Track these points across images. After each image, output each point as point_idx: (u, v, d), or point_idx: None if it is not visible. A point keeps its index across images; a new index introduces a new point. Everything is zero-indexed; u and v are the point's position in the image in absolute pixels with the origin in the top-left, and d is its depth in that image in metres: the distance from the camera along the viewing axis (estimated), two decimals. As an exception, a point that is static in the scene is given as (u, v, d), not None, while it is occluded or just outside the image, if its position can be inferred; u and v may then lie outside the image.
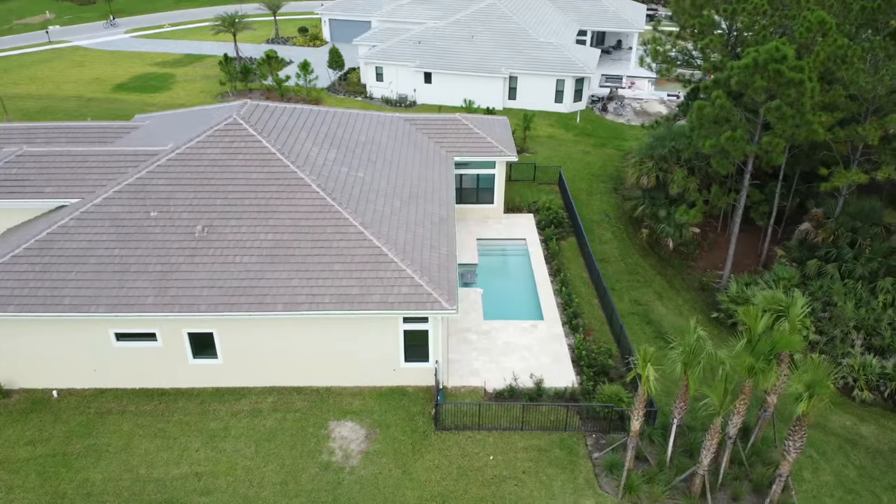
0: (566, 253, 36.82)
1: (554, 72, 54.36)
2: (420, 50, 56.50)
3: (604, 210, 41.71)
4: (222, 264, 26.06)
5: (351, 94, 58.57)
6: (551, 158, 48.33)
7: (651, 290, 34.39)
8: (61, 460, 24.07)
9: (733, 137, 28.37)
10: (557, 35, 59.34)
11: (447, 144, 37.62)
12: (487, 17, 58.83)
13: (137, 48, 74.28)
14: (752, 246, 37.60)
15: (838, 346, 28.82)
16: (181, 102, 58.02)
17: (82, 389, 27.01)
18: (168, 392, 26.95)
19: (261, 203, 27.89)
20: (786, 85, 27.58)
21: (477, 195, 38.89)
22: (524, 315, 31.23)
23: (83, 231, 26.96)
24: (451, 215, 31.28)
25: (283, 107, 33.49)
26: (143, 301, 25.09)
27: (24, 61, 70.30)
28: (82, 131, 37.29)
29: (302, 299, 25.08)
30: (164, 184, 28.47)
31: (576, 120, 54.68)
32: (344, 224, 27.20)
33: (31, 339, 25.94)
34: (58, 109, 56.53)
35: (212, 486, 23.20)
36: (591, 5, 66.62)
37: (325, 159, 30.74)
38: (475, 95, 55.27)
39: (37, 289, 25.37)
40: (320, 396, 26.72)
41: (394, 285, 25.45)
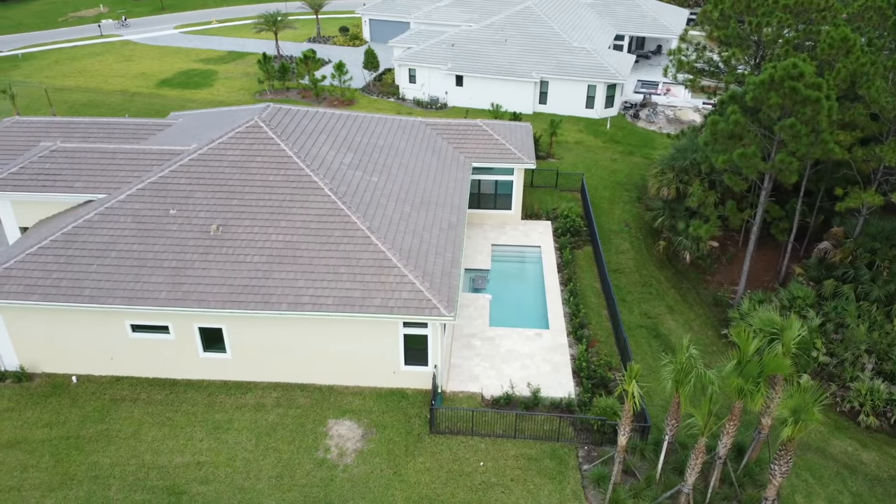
0: (580, 262, 36.89)
1: (585, 77, 54.17)
2: (452, 53, 56.96)
3: (624, 220, 41.57)
4: (233, 263, 27.08)
5: (384, 95, 59.42)
6: (577, 165, 48.29)
7: (663, 304, 34.23)
8: (74, 443, 25.45)
9: (745, 154, 28.07)
10: (591, 40, 59.05)
11: (466, 150, 38.05)
12: (522, 20, 58.92)
13: (184, 44, 76.63)
14: (773, 262, 37.04)
15: (848, 370, 28.30)
16: (220, 99, 59.81)
17: (99, 376, 28.41)
18: (179, 383, 28.15)
19: (274, 205, 28.82)
20: (801, 103, 27.17)
21: (495, 201, 39.23)
22: (530, 323, 31.50)
23: (106, 226, 28.32)
24: (462, 221, 31.73)
25: (304, 110, 34.40)
26: (157, 295, 26.27)
27: (76, 54, 73.27)
28: (119, 127, 38.97)
29: (306, 300, 25.91)
30: (184, 183, 29.65)
31: (606, 126, 54.42)
32: (352, 228, 27.93)
33: (54, 327, 27.40)
34: (103, 103, 58.86)
35: (211, 476, 24.22)
36: (629, 10, 66.02)
37: (340, 163, 31.53)
38: (506, 99, 55.54)
39: (60, 279, 26.80)
40: (322, 394, 27.54)
41: (395, 290, 26.06)
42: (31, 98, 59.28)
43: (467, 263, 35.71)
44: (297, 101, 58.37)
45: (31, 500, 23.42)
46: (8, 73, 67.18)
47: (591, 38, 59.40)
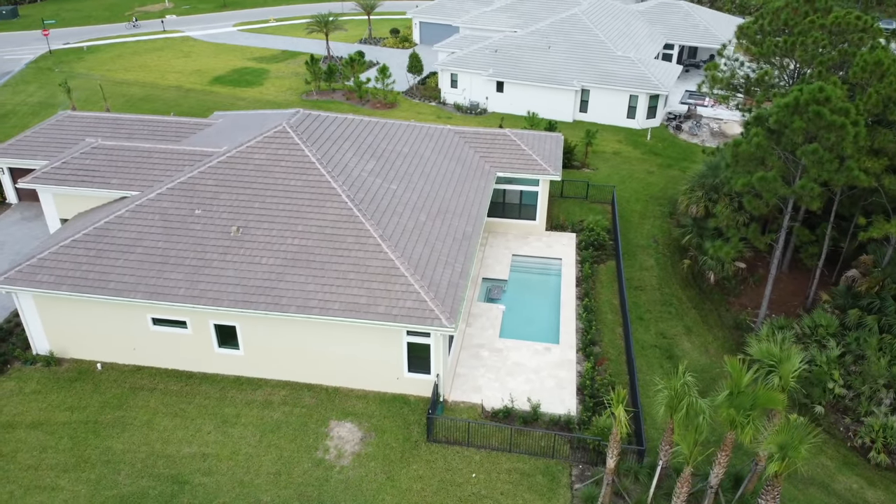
0: (602, 277, 36.67)
1: (627, 87, 53.55)
2: (494, 58, 57.12)
3: (653, 235, 41.04)
4: (249, 264, 28.10)
5: (426, 99, 60.05)
6: (611, 176, 47.87)
7: (681, 324, 33.74)
8: (92, 428, 26.93)
9: (765, 178, 27.47)
10: (638, 49, 58.25)
11: (492, 159, 38.27)
12: (567, 27, 58.62)
13: (241, 42, 79.06)
14: (803, 286, 36.02)
15: (864, 404, 27.42)
16: (269, 99, 61.57)
17: (122, 365, 29.92)
18: (195, 375, 29.39)
19: (293, 209, 29.74)
20: (826, 128, 26.43)
21: (519, 211, 39.33)
22: (541, 337, 31.56)
23: (135, 223, 29.76)
24: (477, 232, 32.01)
25: (332, 116, 35.26)
26: (176, 292, 27.51)
27: (138, 49, 76.51)
28: (162, 125, 40.79)
29: (314, 303, 26.70)
30: (211, 184, 30.88)
31: (646, 137, 53.68)
32: (364, 235, 28.59)
33: (82, 316, 29.00)
34: (158, 98, 61.38)
35: (214, 468, 25.28)
36: (682, 19, 64.81)
37: (361, 170, 32.24)
38: (546, 106, 55.42)
39: (88, 272, 28.35)
40: (328, 395, 28.33)
41: (400, 298, 26.59)
42: (91, 91, 62.30)
43: (486, 273, 35.98)
44: (340, 103, 59.65)
45: (46, 479, 24.94)
46: (72, 65, 70.74)
47: (638, 47, 58.60)
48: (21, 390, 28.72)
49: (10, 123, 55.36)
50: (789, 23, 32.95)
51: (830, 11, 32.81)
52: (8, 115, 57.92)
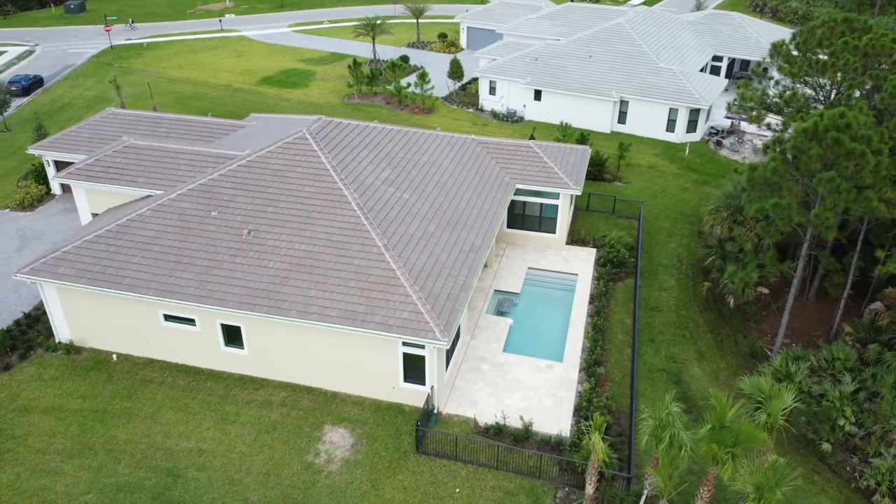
0: (617, 295, 36.06)
1: (667, 100, 52.41)
2: (534, 67, 56.77)
3: (678, 254, 40.09)
4: (256, 267, 28.83)
5: (464, 106, 60.15)
6: (643, 191, 46.99)
7: (694, 349, 32.90)
8: (100, 417, 28.14)
9: (779, 205, 26.54)
10: (682, 61, 56.93)
11: (513, 171, 38.12)
12: (610, 37, 57.76)
13: (293, 43, 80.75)
14: (828, 316, 34.62)
15: (873, 444, 26.20)
16: (312, 101, 62.77)
17: (137, 357, 31.14)
18: (202, 371, 30.35)
19: (303, 215, 30.34)
20: (844, 156, 25.37)
21: (539, 223, 39.04)
22: (545, 353, 31.30)
23: (154, 222, 30.91)
24: (486, 245, 31.96)
25: (354, 124, 35.75)
26: (185, 290, 28.47)
27: (195, 47, 79.07)
28: (198, 126, 42.19)
29: (313, 309, 27.21)
30: (229, 187, 31.79)
31: (684, 152, 52.43)
32: (368, 243, 28.94)
33: (100, 309, 30.30)
34: (206, 97, 63.36)
35: (208, 464, 26.07)
36: (733, 30, 62.96)
37: (375, 178, 32.62)
38: (583, 116, 54.78)
39: (106, 267, 29.62)
40: (326, 399, 28.81)
41: (396, 309, 26.82)
42: (144, 87, 64.78)
43: (499, 285, 35.88)
44: (380, 107, 60.35)
45: (52, 463, 26.21)
46: (131, 60, 73.71)
47: (682, 59, 57.26)
48: (41, 376, 30.23)
49: (65, 116, 58.14)
50: (823, 42, 31.69)
51: (869, 31, 31.43)
52: (64, 108, 60.86)
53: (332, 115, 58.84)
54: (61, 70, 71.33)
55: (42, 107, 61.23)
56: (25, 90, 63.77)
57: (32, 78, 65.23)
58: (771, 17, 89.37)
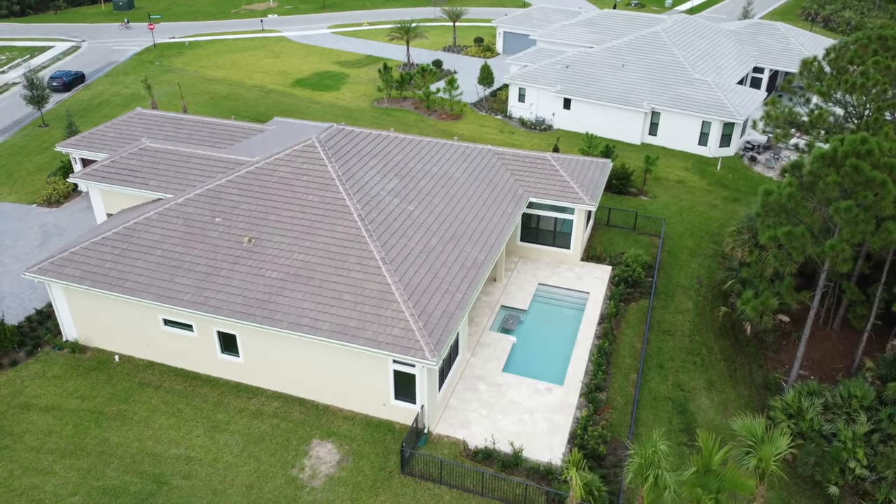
0: (629, 317, 34.87)
1: (699, 112, 50.68)
2: (564, 75, 55.63)
3: (698, 275, 38.60)
4: (254, 275, 28.73)
5: (493, 112, 59.38)
6: (669, 206, 45.50)
7: (704, 377, 31.53)
8: (95, 418, 28.43)
9: (792, 234, 25.12)
10: (719, 72, 55.02)
11: (527, 184, 37.25)
12: (644, 46, 56.20)
13: (330, 44, 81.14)
14: (852, 347, 32.81)
15: (883, 490, 24.58)
16: (342, 104, 62.85)
17: (138, 359, 31.41)
18: (200, 377, 30.41)
19: (305, 224, 30.12)
20: (864, 185, 23.85)
21: (554, 238, 38.08)
22: (545, 375, 30.40)
23: (160, 226, 31.12)
24: (490, 260, 31.22)
25: (365, 132, 35.41)
26: (183, 296, 28.55)
27: (234, 47, 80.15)
28: (219, 129, 42.51)
29: (305, 321, 26.93)
30: (235, 194, 31.81)
31: (716, 167, 50.61)
32: (366, 256, 28.53)
33: (104, 310, 30.64)
34: (239, 97, 64.04)
35: (194, 473, 26.04)
36: (776, 41, 60.62)
37: (380, 189, 32.20)
38: (613, 127, 53.48)
39: (110, 270, 29.93)
40: (318, 412, 28.52)
41: (388, 325, 26.34)
42: (181, 85, 65.83)
43: (506, 300, 35.09)
44: (408, 112, 60.04)
45: (44, 462, 26.56)
46: (172, 59, 75.09)
47: (719, 70, 55.34)
48: (44, 374, 30.74)
49: (102, 113, 59.47)
50: (855, 61, 29.99)
51: (905, 50, 29.63)
52: (102, 104, 62.30)
53: (361, 118, 58.93)
54: (104, 67, 73.15)
55: (81, 103, 62.83)
56: (66, 86, 65.53)
57: (74, 74, 66.99)
58: (823, 26, 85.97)
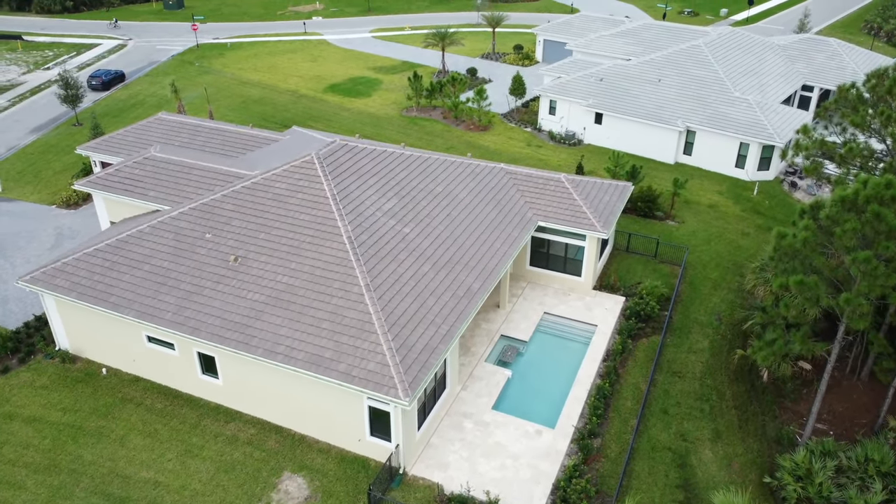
0: (638, 354, 32.75)
1: (737, 133, 47.80)
2: (597, 88, 53.41)
3: (718, 311, 36.11)
4: (235, 297, 27.88)
5: (523, 124, 57.56)
6: (696, 233, 42.96)
7: (711, 427, 29.24)
8: (74, 434, 28.06)
9: (805, 283, 22.78)
10: (762, 90, 51.89)
11: (537, 206, 35.48)
12: (685, 59, 53.48)
13: (370, 49, 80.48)
14: (879, 400, 29.96)
15: (897, 578, 22.07)
16: (370, 111, 62.02)
17: (125, 373, 31.01)
18: (182, 396, 29.77)
19: (293, 244, 29.14)
20: (886, 234, 21.38)
21: (564, 264, 36.18)
22: (537, 416, 28.64)
23: (151, 240, 30.62)
24: (486, 289, 29.64)
25: (369, 148, 34.24)
26: (163, 315, 27.92)
27: (274, 49, 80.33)
28: (234, 137, 42.02)
29: (281, 349, 25.91)
30: (228, 209, 31.07)
31: (752, 192, 47.66)
32: (350, 281, 27.34)
33: (93, 322, 30.32)
34: (270, 102, 63.88)
35: (159, 499, 25.33)
36: (828, 58, 56.95)
37: (376, 209, 30.98)
38: (646, 144, 51.09)
39: (98, 282, 29.57)
40: (293, 442, 27.48)
41: (364, 358, 25.08)
42: (216, 88, 66.19)
43: (507, 329, 33.43)
44: (436, 121, 58.82)
45: (18, 475, 26.29)
46: (212, 60, 75.69)
47: (763, 88, 52.20)
48: (33, 383, 30.63)
49: (135, 114, 60.07)
50: (894, 90, 27.25)
51: (952, 79, 26.76)
52: (136, 105, 63.04)
53: (387, 127, 57.98)
54: (145, 66, 74.27)
55: (117, 103, 63.77)
56: (105, 85, 66.65)
57: (114, 73, 68.11)
58: (885, 41, 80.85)
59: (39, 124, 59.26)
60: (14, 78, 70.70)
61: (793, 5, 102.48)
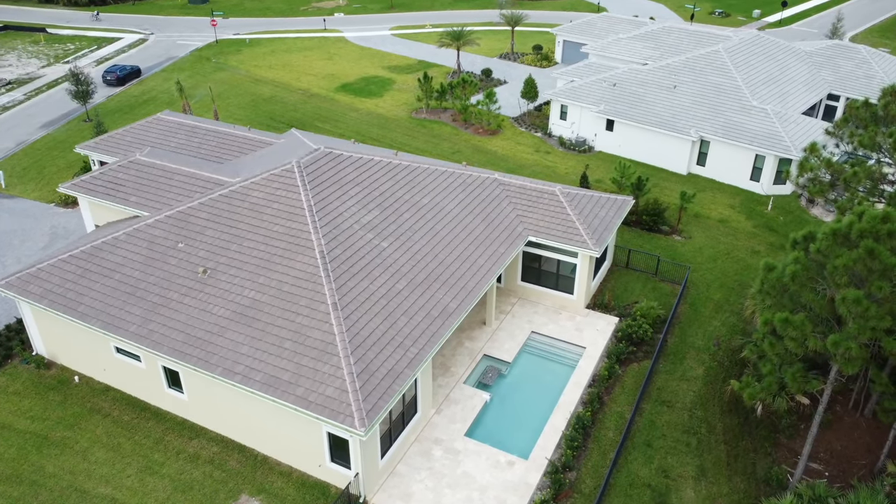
0: (627, 380, 31.17)
1: (752, 144, 45.59)
2: (610, 93, 51.53)
3: (718, 335, 34.28)
4: (200, 311, 27.09)
5: (533, 129, 55.93)
6: (703, 250, 41.05)
7: (696, 462, 27.59)
8: (38, 443, 27.61)
9: (790, 322, 21.06)
10: (783, 99, 49.46)
11: (529, 221, 34.03)
12: (701, 66, 51.26)
13: (387, 48, 79.36)
14: (883, 439, 27.97)
15: None
16: (380, 112, 60.98)
17: (97, 382, 30.51)
18: (149, 408, 29.13)
19: (263, 258, 28.24)
20: (880, 273, 19.57)
21: (556, 281, 34.71)
22: (511, 445, 27.32)
23: (124, 248, 30.00)
24: (464, 309, 28.36)
25: (355, 157, 33.15)
26: (128, 327, 27.27)
27: (292, 46, 79.74)
28: (229, 139, 41.34)
29: (240, 369, 25.02)
30: (203, 218, 30.30)
31: (767, 207, 45.44)
32: (318, 299, 26.33)
33: (65, 329, 29.87)
34: (281, 100, 63.26)
35: (113, 518, 24.75)
36: (856, 66, 54.10)
37: (355, 222, 29.90)
38: (658, 153, 49.18)
39: (69, 290, 29.06)
40: (255, 463, 26.63)
41: (323, 382, 24.05)
42: (229, 85, 65.88)
43: (491, 349, 32.13)
44: (444, 124, 57.56)
45: (-24, 488, 25.96)
46: (228, 57, 75.39)
47: (784, 97, 49.76)
48: (6, 389, 30.32)
49: (145, 111, 59.93)
50: (906, 110, 25.21)
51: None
52: (147, 101, 62.98)
53: (394, 129, 56.90)
54: (163, 61, 74.32)
55: (129, 99, 63.84)
56: (120, 80, 66.77)
57: (129, 69, 68.21)
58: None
59: (51, 119, 59.56)
60: (33, 71, 71.36)
61: (829, 7, 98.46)
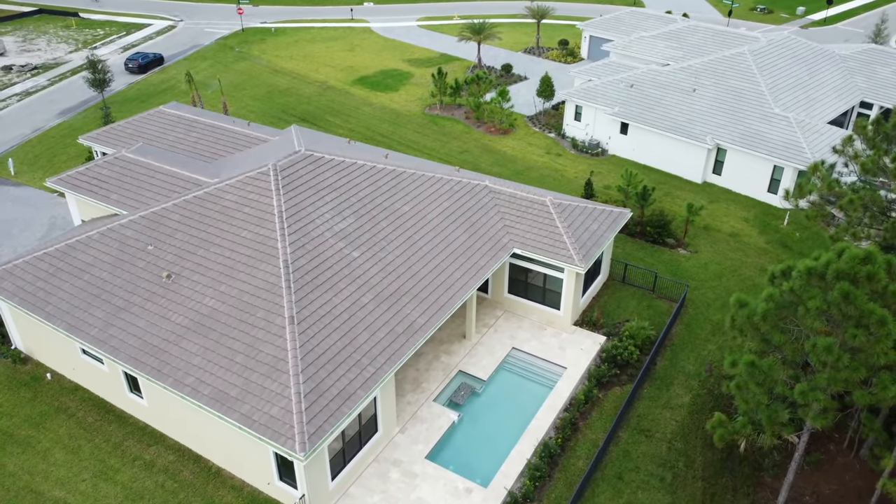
0: (606, 405, 29.65)
1: (771, 155, 43.08)
2: (626, 94, 49.42)
3: (710, 360, 32.40)
4: (159, 318, 26.57)
5: (547, 129, 54.17)
6: (708, 266, 39.00)
7: (668, 500, 26.00)
8: (3, 441, 27.59)
9: (756, 367, 19.39)
10: (808, 106, 46.64)
11: (515, 232, 32.63)
12: (725, 68, 48.68)
13: (411, 39, 78.13)
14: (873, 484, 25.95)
15: None
16: (394, 107, 59.93)
17: (68, 380, 30.42)
18: (114, 411, 28.88)
19: (227, 264, 27.57)
20: (854, 319, 17.76)
21: (543, 295, 33.28)
22: (472, 471, 26.18)
23: (96, 248, 29.69)
24: (432, 325, 27.24)
25: (337, 160, 32.18)
26: (90, 330, 26.94)
27: (316, 36, 79.14)
28: (227, 135, 40.84)
29: (190, 381, 24.42)
30: (175, 220, 29.78)
31: (783, 221, 42.97)
32: (275, 311, 25.52)
33: (38, 326, 29.75)
34: (296, 93, 62.73)
35: (61, 525, 24.54)
36: (892, 72, 50.74)
37: (326, 229, 28.98)
38: (673, 160, 47.05)
39: (39, 289, 28.92)
40: (209, 475, 26.10)
41: (269, 401, 23.27)
42: (247, 76, 65.64)
43: (467, 366, 30.95)
44: (457, 121, 56.27)
45: (-65, 485, 26.06)
46: (251, 46, 75.20)
47: (810, 104, 46.92)
48: (-19, 383, 30.51)
49: (162, 100, 59.93)
50: (912, 133, 23.01)
51: None
52: (166, 90, 63.15)
53: (406, 125, 55.81)
54: (188, 49, 74.53)
55: (148, 87, 64.14)
56: (142, 68, 67.12)
57: (152, 57, 68.51)
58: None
59: (70, 106, 60.17)
60: (60, 56, 72.34)
61: (878, 6, 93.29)
